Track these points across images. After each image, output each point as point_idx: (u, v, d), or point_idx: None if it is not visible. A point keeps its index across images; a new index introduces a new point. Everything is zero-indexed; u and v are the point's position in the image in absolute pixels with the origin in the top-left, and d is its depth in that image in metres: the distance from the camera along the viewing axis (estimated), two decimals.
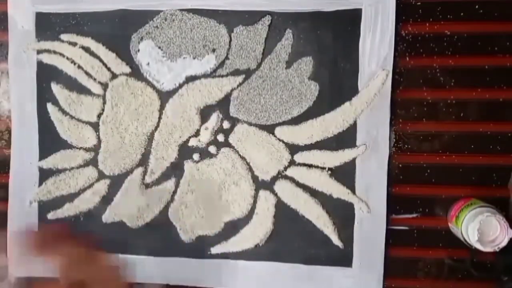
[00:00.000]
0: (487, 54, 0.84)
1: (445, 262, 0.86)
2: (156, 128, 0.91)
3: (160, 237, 0.92)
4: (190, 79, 0.90)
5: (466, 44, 0.84)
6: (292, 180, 0.89)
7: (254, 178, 0.90)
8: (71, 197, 0.94)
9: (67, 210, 0.94)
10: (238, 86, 0.89)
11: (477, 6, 0.84)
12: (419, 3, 0.85)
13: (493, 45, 0.84)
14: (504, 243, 0.75)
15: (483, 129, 0.85)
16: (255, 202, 0.90)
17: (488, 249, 0.75)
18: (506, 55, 0.84)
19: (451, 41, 0.85)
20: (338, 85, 0.87)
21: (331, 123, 0.88)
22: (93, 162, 0.93)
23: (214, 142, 0.91)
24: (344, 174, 0.88)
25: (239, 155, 0.90)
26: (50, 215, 0.94)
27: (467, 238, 0.77)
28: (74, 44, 0.92)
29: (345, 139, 0.88)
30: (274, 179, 0.90)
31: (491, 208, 0.77)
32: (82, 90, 0.93)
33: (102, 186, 0.93)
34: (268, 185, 0.90)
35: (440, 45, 0.85)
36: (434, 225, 0.86)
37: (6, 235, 0.95)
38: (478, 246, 0.75)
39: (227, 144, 0.90)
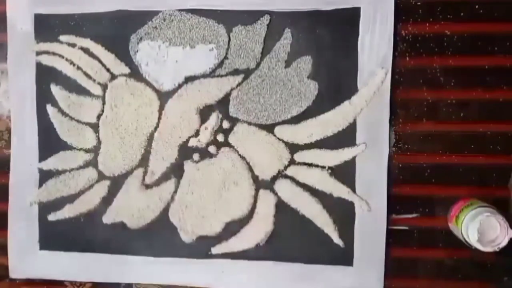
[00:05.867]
0: (487, 54, 0.84)
1: (445, 262, 0.87)
2: (155, 128, 0.91)
3: (160, 237, 0.92)
4: (189, 79, 0.90)
5: (466, 44, 0.84)
6: (292, 179, 0.89)
7: (254, 178, 0.90)
8: (71, 198, 0.94)
9: (68, 211, 0.94)
10: (237, 85, 0.89)
11: (477, 6, 0.84)
12: (419, 3, 0.85)
13: (493, 45, 0.84)
14: (504, 243, 0.75)
15: (483, 129, 0.85)
16: (255, 201, 0.90)
17: (488, 249, 0.76)
18: (506, 55, 0.84)
19: (451, 41, 0.85)
20: (337, 84, 0.87)
21: (331, 122, 0.88)
22: (93, 163, 0.93)
23: (214, 142, 0.90)
24: (344, 173, 0.88)
25: (239, 154, 0.90)
26: (51, 217, 0.94)
27: (467, 238, 0.77)
28: (73, 45, 0.92)
29: (344, 138, 0.88)
30: (274, 178, 0.90)
31: (491, 208, 0.77)
32: (82, 91, 0.93)
33: (102, 187, 0.93)
34: (268, 185, 0.90)
35: (440, 45, 0.85)
36: (434, 225, 0.87)
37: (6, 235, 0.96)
38: (478, 246, 0.76)
39: (227, 144, 0.90)
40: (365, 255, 0.88)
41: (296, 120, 0.89)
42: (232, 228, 0.91)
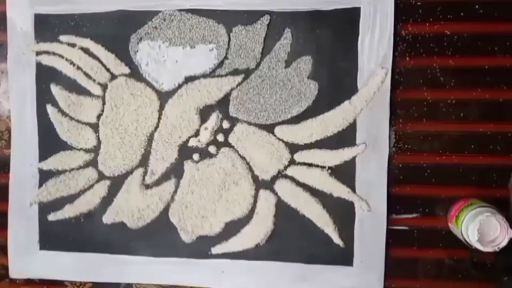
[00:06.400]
0: (487, 54, 0.84)
1: (445, 262, 0.87)
2: (155, 128, 0.91)
3: (160, 237, 0.92)
4: (189, 79, 0.90)
5: (466, 44, 0.84)
6: (292, 179, 0.89)
7: (254, 178, 0.90)
8: (71, 198, 0.94)
9: (68, 211, 0.94)
10: (237, 85, 0.89)
11: (477, 6, 0.84)
12: (419, 3, 0.85)
13: (493, 45, 0.84)
14: (504, 243, 0.75)
15: (483, 129, 0.85)
16: (255, 201, 0.90)
17: (488, 249, 0.75)
18: (506, 55, 0.84)
19: (451, 41, 0.84)
20: (337, 84, 0.87)
21: (331, 122, 0.88)
22: (93, 163, 0.93)
23: (214, 142, 0.90)
24: (344, 173, 0.88)
25: (239, 154, 0.90)
26: (51, 217, 0.94)
27: (467, 238, 0.77)
28: (73, 45, 0.92)
29: (345, 138, 0.88)
30: (274, 178, 0.90)
31: (491, 208, 0.77)
32: (82, 91, 0.93)
33: (102, 187, 0.93)
34: (268, 185, 0.90)
35: (440, 45, 0.85)
36: (434, 225, 0.87)
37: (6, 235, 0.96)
38: (478, 246, 0.75)
39: (227, 144, 0.90)
40: (365, 255, 0.88)
41: (296, 120, 0.88)
42: (232, 228, 0.91)
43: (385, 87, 0.86)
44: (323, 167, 0.88)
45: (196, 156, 0.91)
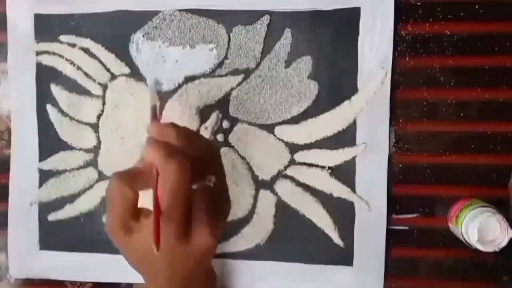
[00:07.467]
0: (487, 54, 0.84)
1: (445, 262, 0.87)
2: None
3: None
4: (189, 79, 0.90)
5: (466, 44, 0.84)
6: (292, 179, 0.89)
7: (254, 178, 0.90)
8: (71, 198, 0.94)
9: (68, 211, 0.94)
10: (237, 85, 0.89)
11: (477, 6, 0.84)
12: (419, 3, 0.85)
13: (493, 45, 0.84)
14: (504, 243, 0.75)
15: (483, 129, 0.85)
16: (255, 202, 0.90)
17: (488, 249, 0.75)
18: (506, 55, 0.84)
19: (451, 41, 0.84)
20: (337, 84, 0.87)
21: (331, 122, 0.87)
22: (93, 163, 0.93)
23: (214, 141, 0.90)
24: (344, 173, 0.88)
25: (239, 154, 0.90)
26: (51, 216, 0.94)
27: (467, 238, 0.77)
28: (73, 45, 0.92)
29: (344, 138, 0.87)
30: (274, 178, 0.90)
31: (491, 208, 0.77)
32: (82, 91, 0.93)
33: (102, 187, 0.93)
34: (268, 185, 0.90)
35: (440, 45, 0.85)
36: (434, 225, 0.86)
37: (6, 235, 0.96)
38: (478, 246, 0.75)
39: (226, 143, 0.90)
40: (365, 255, 0.88)
41: (296, 120, 0.88)
42: (232, 228, 0.91)
43: (385, 87, 0.86)
44: (323, 167, 0.88)
45: None
